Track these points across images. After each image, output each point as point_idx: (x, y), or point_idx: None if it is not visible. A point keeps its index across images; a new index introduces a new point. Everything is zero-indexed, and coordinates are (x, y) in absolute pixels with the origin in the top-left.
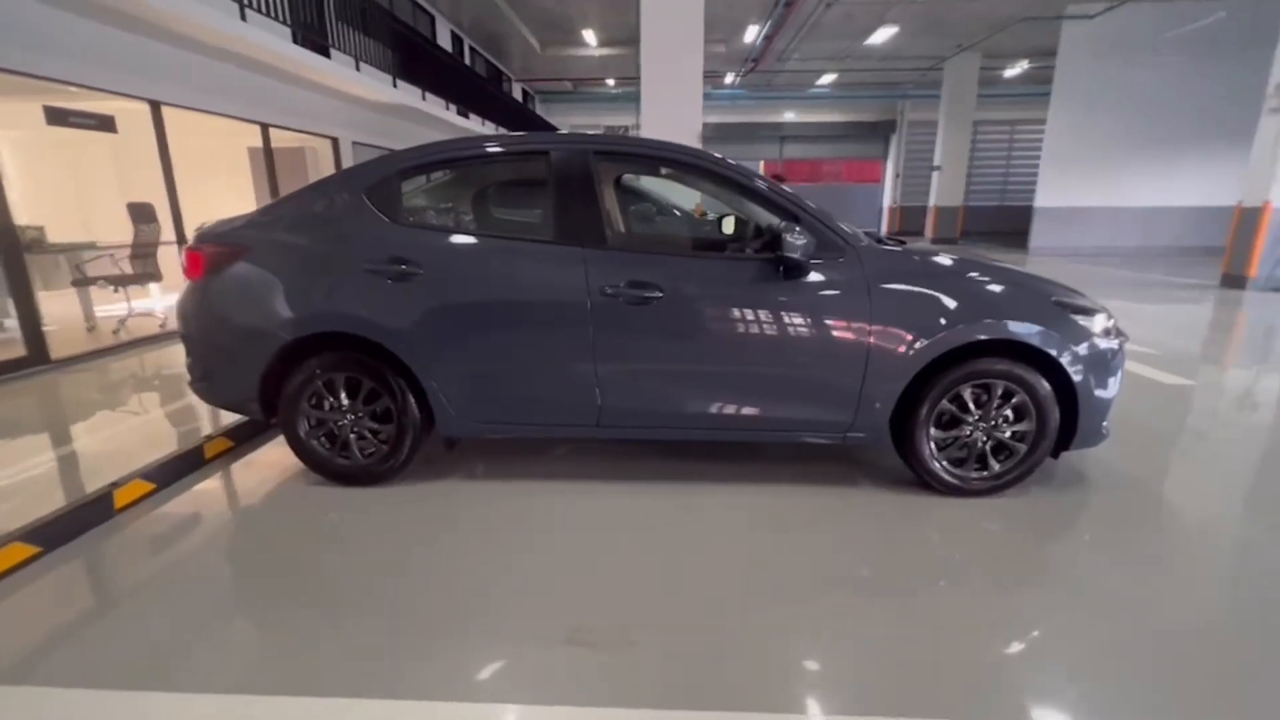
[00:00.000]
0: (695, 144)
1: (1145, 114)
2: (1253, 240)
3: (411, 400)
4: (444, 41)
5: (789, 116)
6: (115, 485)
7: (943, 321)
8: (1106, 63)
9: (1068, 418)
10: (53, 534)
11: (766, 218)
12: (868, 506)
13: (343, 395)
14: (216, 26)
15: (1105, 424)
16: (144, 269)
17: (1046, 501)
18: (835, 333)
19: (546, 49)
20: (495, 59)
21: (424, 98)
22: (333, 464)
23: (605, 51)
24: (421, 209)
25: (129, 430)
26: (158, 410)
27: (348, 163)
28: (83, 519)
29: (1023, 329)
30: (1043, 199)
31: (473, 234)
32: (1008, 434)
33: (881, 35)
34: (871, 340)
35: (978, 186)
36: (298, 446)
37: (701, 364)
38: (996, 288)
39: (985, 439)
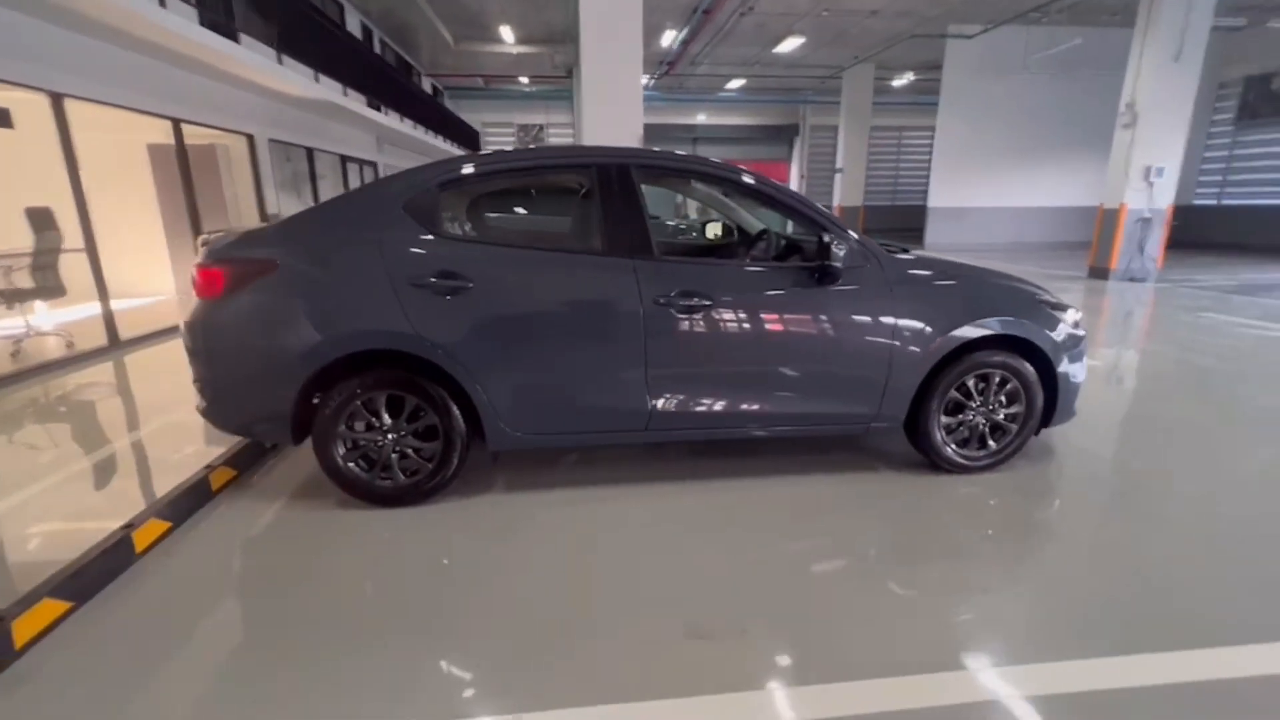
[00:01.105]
0: (636, 145)
1: (1018, 124)
2: (1113, 237)
3: (459, 416)
4: (353, 32)
5: (701, 119)
6: (131, 527)
7: (954, 319)
8: (985, 78)
9: (1048, 400)
10: (80, 586)
11: (755, 223)
12: (892, 489)
13: (384, 414)
14: (120, 4)
15: (1075, 404)
16: (44, 282)
17: (1030, 471)
18: (864, 333)
19: (460, 44)
20: (404, 51)
21: (345, 93)
22: (373, 486)
23: (522, 49)
24: (464, 221)
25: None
26: (77, 445)
27: (265, 162)
28: (107, 567)
29: (1021, 325)
30: (934, 200)
31: (522, 246)
32: (1002, 416)
33: (789, 45)
34: (895, 338)
35: (873, 187)
36: (334, 469)
37: (745, 366)
38: (993, 288)
39: (985, 422)
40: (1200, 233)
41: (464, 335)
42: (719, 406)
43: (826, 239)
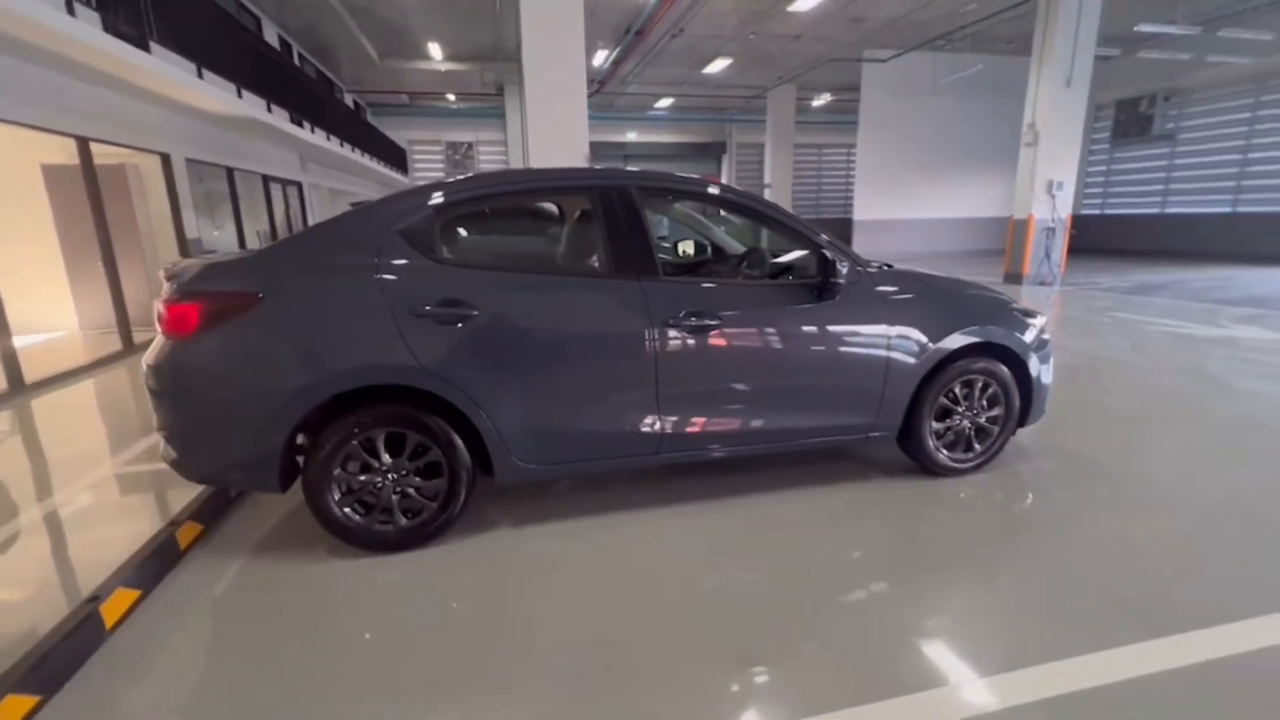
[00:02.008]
0: (584, 164)
1: (932, 142)
2: (1024, 245)
3: (464, 450)
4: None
5: (632, 136)
6: (96, 600)
7: (943, 329)
8: (899, 99)
9: (1024, 402)
10: (47, 676)
11: (730, 242)
12: (891, 495)
13: (384, 453)
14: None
15: (1046, 404)
16: None
17: (1009, 468)
18: (864, 345)
19: (385, 60)
20: (325, 67)
21: (269, 109)
22: (371, 531)
23: (451, 66)
24: (464, 246)
25: None
26: None
27: (182, 182)
28: (75, 649)
29: (1001, 332)
30: (859, 213)
31: (526, 270)
32: (984, 420)
33: (717, 66)
34: (891, 350)
35: (798, 201)
36: (328, 516)
37: (754, 383)
38: (973, 298)
39: (970, 426)
40: (1088, 240)
41: (470, 366)
42: (730, 425)
43: (830, 256)
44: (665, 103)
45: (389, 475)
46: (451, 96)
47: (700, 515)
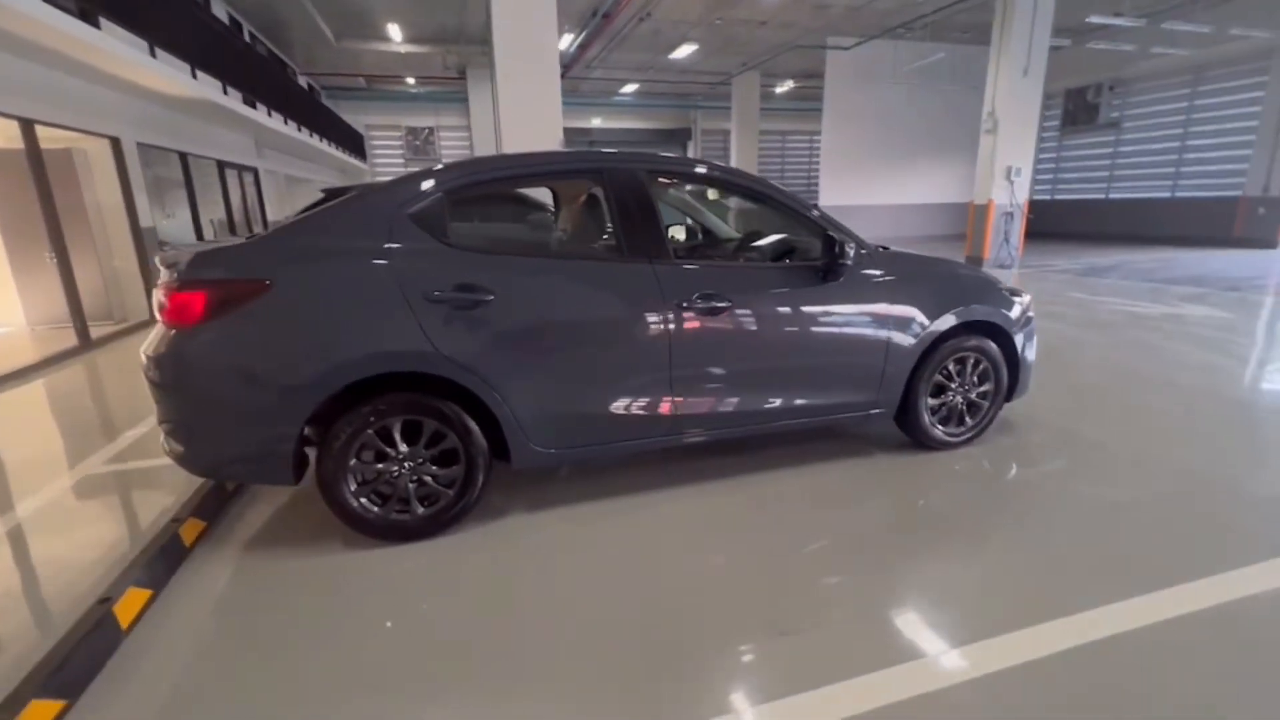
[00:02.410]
0: (559, 148)
1: (895, 129)
2: (984, 229)
3: (480, 436)
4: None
5: (597, 122)
6: (108, 600)
7: (939, 308)
8: (863, 86)
9: (1011, 377)
10: (69, 680)
11: (722, 225)
12: (891, 469)
13: (400, 441)
14: None
15: (1030, 380)
16: None
17: (995, 442)
18: (867, 325)
19: (342, 41)
20: (277, 47)
21: (225, 91)
22: (388, 521)
23: (412, 49)
24: (474, 230)
25: None
26: None
27: (134, 167)
28: (94, 652)
29: (991, 311)
30: (823, 199)
31: (540, 254)
32: (975, 395)
33: (683, 51)
34: (891, 329)
35: None
36: (344, 507)
37: (762, 363)
38: (965, 279)
39: (963, 401)
40: (1041, 225)
41: (487, 351)
42: (742, 404)
43: (836, 238)
44: (630, 88)
45: (405, 464)
46: (411, 80)
47: (709, 495)
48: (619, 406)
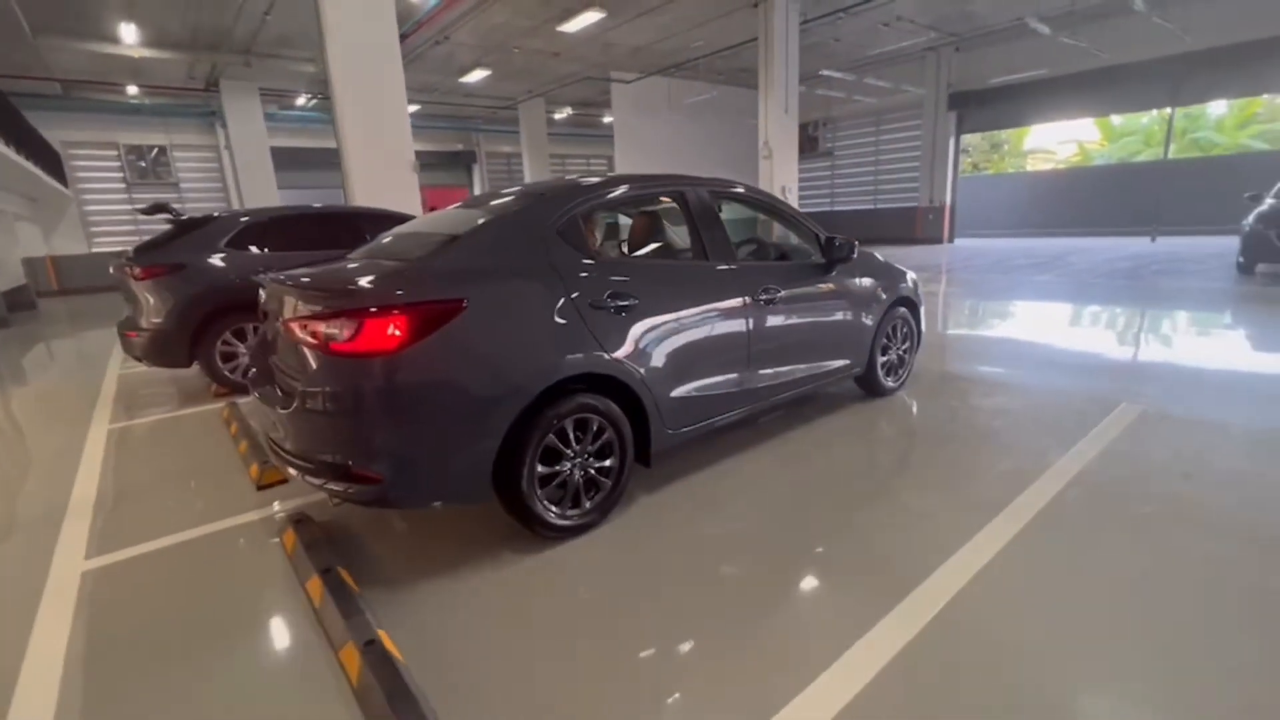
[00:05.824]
0: (411, 174)
1: (678, 155)
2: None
3: (629, 428)
4: None
5: None
6: (373, 643)
7: (887, 288)
8: (646, 117)
9: (917, 335)
10: None
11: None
12: (864, 414)
13: (572, 440)
14: None
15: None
16: None
17: (920, 384)
18: (859, 303)
19: (40, 37)
20: None
21: None
22: (565, 517)
23: (150, 53)
24: (604, 243)
25: None
26: None
27: None
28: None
29: (907, 288)
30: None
31: (660, 261)
32: (903, 350)
33: (475, 76)
34: (871, 304)
35: None
36: (528, 511)
37: (802, 337)
38: (893, 267)
39: (896, 357)
40: None
41: (635, 348)
42: (790, 372)
43: (837, 240)
44: (411, 109)
45: (576, 460)
46: (133, 89)
47: (763, 456)
48: (718, 385)
